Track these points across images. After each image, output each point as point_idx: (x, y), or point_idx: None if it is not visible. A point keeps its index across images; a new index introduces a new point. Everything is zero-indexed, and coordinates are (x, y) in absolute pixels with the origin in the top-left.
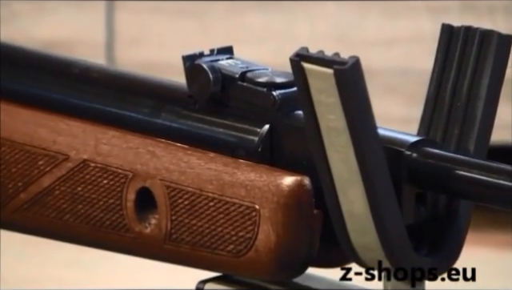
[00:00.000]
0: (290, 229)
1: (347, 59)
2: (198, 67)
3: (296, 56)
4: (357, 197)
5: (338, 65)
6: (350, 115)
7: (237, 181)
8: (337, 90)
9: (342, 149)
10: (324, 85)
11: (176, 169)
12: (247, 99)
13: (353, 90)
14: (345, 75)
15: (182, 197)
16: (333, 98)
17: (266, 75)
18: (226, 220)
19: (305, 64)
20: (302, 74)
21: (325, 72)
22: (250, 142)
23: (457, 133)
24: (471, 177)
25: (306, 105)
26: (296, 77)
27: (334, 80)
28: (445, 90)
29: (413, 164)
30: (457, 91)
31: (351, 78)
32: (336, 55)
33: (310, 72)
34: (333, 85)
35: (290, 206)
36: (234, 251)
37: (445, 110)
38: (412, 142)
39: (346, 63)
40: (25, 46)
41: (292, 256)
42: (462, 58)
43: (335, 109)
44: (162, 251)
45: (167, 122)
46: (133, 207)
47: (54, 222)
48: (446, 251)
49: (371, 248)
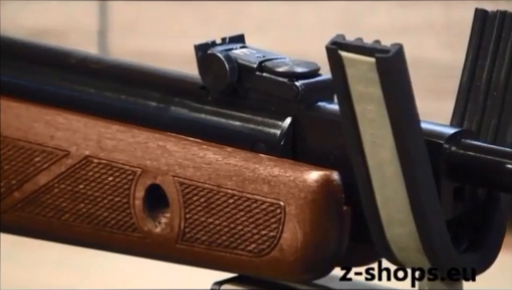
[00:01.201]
0: (318, 227)
1: (390, 47)
2: (213, 57)
3: (333, 44)
4: (395, 192)
5: (381, 53)
6: (392, 106)
7: (259, 177)
8: (378, 80)
9: (380, 141)
10: (363, 74)
11: (191, 165)
12: (267, 90)
13: (396, 79)
14: (388, 63)
15: (198, 194)
16: (373, 87)
17: (285, 65)
18: (246, 218)
19: (342, 52)
20: (339, 63)
21: (366, 60)
22: (272, 136)
23: (494, 123)
24: None
25: (342, 95)
26: (332, 66)
27: (376, 69)
28: (479, 79)
29: (452, 157)
30: (493, 80)
31: (394, 66)
32: (377, 43)
33: (348, 61)
34: (374, 74)
35: (318, 202)
36: (256, 250)
37: (480, 100)
38: (451, 134)
39: (388, 51)
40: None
41: (319, 256)
42: (498, 44)
43: (375, 99)
44: (173, 251)
45: (177, 115)
46: (141, 205)
47: (51, 222)
48: (486, 248)
49: (408, 246)
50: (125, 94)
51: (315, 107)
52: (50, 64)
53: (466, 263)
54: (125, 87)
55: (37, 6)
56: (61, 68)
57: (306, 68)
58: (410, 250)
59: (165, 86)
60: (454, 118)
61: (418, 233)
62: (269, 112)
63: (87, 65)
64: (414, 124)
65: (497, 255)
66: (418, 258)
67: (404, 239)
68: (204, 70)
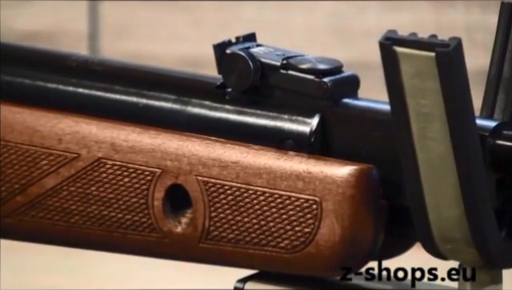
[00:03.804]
0: (356, 222)
1: (449, 41)
2: (236, 56)
3: (386, 39)
4: (447, 185)
5: (441, 47)
6: (450, 100)
7: (292, 174)
8: (437, 74)
9: (434, 136)
10: (420, 69)
11: (216, 164)
12: (293, 88)
13: (455, 74)
14: (448, 58)
15: (225, 193)
16: (429, 82)
17: (308, 62)
18: (279, 215)
19: (397, 48)
20: (394, 59)
21: (424, 55)
22: (301, 133)
23: None
24: None
25: (395, 90)
26: (386, 61)
27: (435, 63)
28: (509, 71)
29: (496, 149)
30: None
31: (454, 60)
32: (434, 37)
33: (403, 56)
34: (432, 68)
35: (357, 197)
36: (289, 246)
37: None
38: (494, 127)
39: (448, 45)
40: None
41: (357, 250)
42: None
43: (431, 94)
44: (196, 250)
45: (195, 115)
46: (161, 205)
47: (57, 225)
48: None
49: (456, 237)
50: (137, 96)
51: (342, 104)
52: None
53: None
54: (136, 89)
55: (27, 10)
56: (62, 72)
57: (330, 65)
58: (457, 241)
59: (179, 86)
60: (483, 109)
61: (469, 224)
62: (296, 109)
63: (89, 67)
64: (471, 118)
65: None
66: (464, 249)
67: (452, 231)
68: (226, 69)
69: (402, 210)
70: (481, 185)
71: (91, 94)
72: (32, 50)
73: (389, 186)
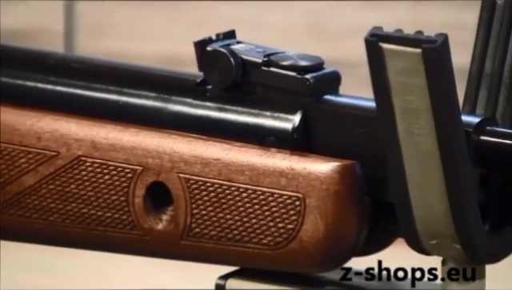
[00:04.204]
0: (340, 218)
1: (435, 37)
2: (218, 53)
3: (372, 36)
4: (432, 181)
5: (427, 43)
6: (436, 96)
7: (275, 170)
8: (423, 70)
9: (420, 132)
10: (407, 65)
11: (197, 161)
12: (275, 85)
13: (442, 70)
14: (435, 54)
15: (207, 190)
16: (416, 78)
17: (289, 58)
18: (261, 212)
19: (384, 44)
20: (379, 55)
21: (410, 52)
22: (284, 130)
23: (510, 109)
24: None
25: (380, 87)
26: (371, 58)
27: (422, 59)
28: (490, 67)
29: (479, 145)
30: (505, 67)
31: (441, 56)
32: (420, 33)
33: (389, 52)
34: (419, 65)
35: (341, 193)
36: (272, 243)
37: (493, 88)
38: (477, 123)
39: (435, 41)
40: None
41: (340, 247)
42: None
43: (417, 90)
44: (177, 247)
45: (176, 113)
46: (142, 202)
47: (35, 223)
48: (509, 233)
49: (440, 233)
50: (117, 94)
51: (324, 100)
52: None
53: (493, 249)
54: (116, 87)
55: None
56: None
57: (311, 61)
58: (441, 237)
59: (159, 84)
60: (464, 107)
61: (454, 220)
62: (278, 106)
63: (68, 65)
64: (457, 114)
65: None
66: (449, 245)
67: (437, 227)
68: (207, 66)
69: (384, 206)
70: (466, 181)
71: (70, 92)
72: (10, 49)
73: (372, 182)
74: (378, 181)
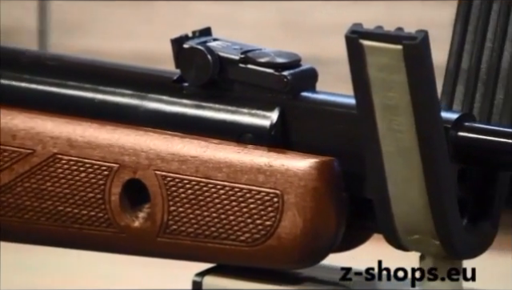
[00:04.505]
0: (319, 214)
1: (416, 34)
2: (194, 50)
3: (353, 33)
4: (412, 179)
5: (408, 40)
6: (416, 92)
7: (253, 167)
8: (404, 67)
9: (400, 128)
10: (387, 62)
11: (175, 158)
12: (252, 82)
13: (422, 66)
14: (415, 50)
15: (184, 187)
16: (396, 75)
17: (266, 55)
18: (239, 209)
19: (364, 41)
20: (360, 52)
21: (391, 48)
22: (262, 127)
23: (487, 106)
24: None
25: (361, 83)
26: (351, 54)
27: (403, 56)
28: (467, 63)
29: (458, 141)
30: (482, 63)
31: (421, 53)
32: (400, 30)
33: (369, 49)
34: (399, 61)
35: (319, 190)
36: (250, 240)
37: (470, 83)
38: (456, 119)
39: (416, 38)
40: None
41: (319, 243)
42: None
43: (397, 86)
44: (154, 244)
45: (153, 110)
46: (118, 200)
47: (11, 221)
48: (485, 230)
49: (419, 229)
50: (93, 92)
51: (302, 97)
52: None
53: (471, 244)
54: (92, 84)
55: None
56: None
57: (288, 58)
58: (420, 233)
59: (136, 81)
60: (441, 102)
61: (433, 215)
62: (255, 103)
63: (42, 62)
64: (436, 110)
65: (494, 238)
66: (428, 241)
67: (416, 223)
68: (184, 63)
69: (362, 202)
70: (445, 177)
71: (46, 90)
72: None
73: (350, 178)
74: (356, 177)
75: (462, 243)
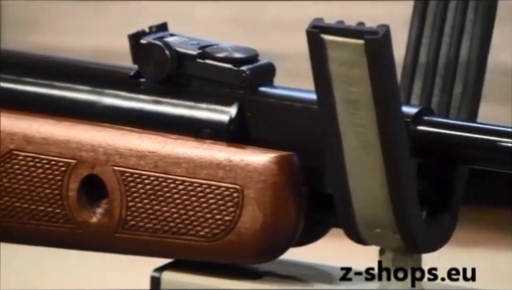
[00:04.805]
0: (279, 209)
1: (377, 28)
2: (152, 45)
3: (314, 28)
4: (372, 173)
5: (370, 35)
6: (378, 87)
7: (212, 162)
8: (365, 61)
9: (361, 122)
10: (348, 56)
11: (133, 154)
12: (211, 77)
13: (384, 61)
14: (377, 45)
15: (143, 182)
16: (358, 69)
17: (224, 50)
18: (198, 204)
19: (325, 36)
20: (321, 46)
21: (352, 43)
22: (220, 122)
23: (445, 100)
24: (481, 142)
25: (322, 78)
26: (313, 49)
27: (364, 51)
28: (425, 58)
29: (417, 135)
30: (440, 58)
31: (383, 47)
32: (361, 25)
33: (331, 44)
34: (361, 56)
35: (279, 185)
36: (209, 235)
37: (428, 78)
38: (415, 113)
39: (377, 33)
40: None
41: (279, 237)
42: (443, 24)
43: (359, 81)
44: (112, 240)
45: (110, 106)
46: (76, 196)
47: None
48: (445, 223)
49: (379, 223)
50: (50, 88)
51: (260, 92)
52: None
53: (431, 238)
54: (49, 80)
55: None
56: None
57: (246, 53)
58: (381, 227)
59: (92, 77)
60: None
61: (394, 209)
62: (214, 98)
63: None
64: (398, 104)
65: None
66: (388, 235)
67: (376, 217)
68: (142, 59)
69: (321, 196)
70: (406, 171)
71: (2, 87)
72: None
73: (310, 173)
74: (315, 172)
75: (423, 237)
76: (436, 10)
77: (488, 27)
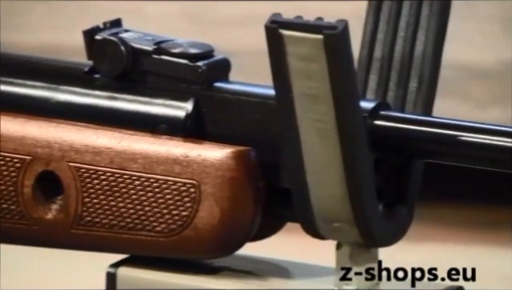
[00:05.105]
0: (236, 204)
1: (336, 23)
2: (107, 41)
3: (272, 23)
4: (330, 167)
5: (329, 29)
6: (337, 82)
7: (169, 158)
8: (324, 56)
9: (319, 117)
10: (307, 51)
11: (88, 150)
12: (166, 73)
13: (343, 55)
14: (336, 40)
15: (99, 178)
16: (316, 64)
17: (179, 46)
18: (155, 199)
19: (284, 31)
20: (280, 42)
21: (311, 38)
22: (176, 118)
23: (400, 94)
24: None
25: (280, 73)
26: (271, 44)
27: (323, 46)
28: (380, 53)
29: (374, 129)
30: (395, 52)
31: (342, 42)
32: (320, 20)
33: (289, 39)
34: (320, 51)
35: (236, 180)
36: (166, 230)
37: (383, 72)
38: (372, 108)
39: (336, 27)
40: None
41: (236, 232)
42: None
43: (317, 76)
44: (68, 236)
45: (65, 102)
46: (31, 192)
47: None
48: (402, 215)
49: (338, 219)
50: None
51: (216, 87)
52: None
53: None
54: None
55: None
56: None
57: (201, 49)
58: (338, 221)
59: (47, 73)
60: None
61: (351, 204)
62: (170, 94)
63: None
64: (356, 99)
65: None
66: (346, 229)
67: (334, 211)
68: (97, 55)
69: (278, 191)
70: (364, 165)
71: None
72: None
73: (266, 167)
74: (272, 167)
75: (380, 231)
76: (391, 5)
77: (442, 22)
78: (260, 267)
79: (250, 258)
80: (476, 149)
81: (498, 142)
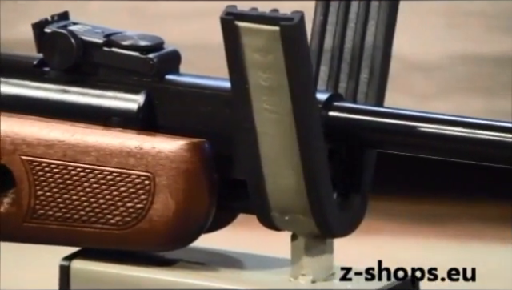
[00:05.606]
0: (191, 196)
1: (292, 15)
2: (57, 34)
3: (228, 15)
4: (286, 158)
5: (285, 21)
6: (293, 73)
7: (123, 150)
8: (280, 48)
9: (275, 108)
10: (263, 43)
11: (41, 143)
12: (118, 65)
13: (299, 47)
14: (292, 31)
15: (51, 171)
16: (272, 55)
17: (129, 38)
18: (109, 192)
19: (239, 23)
20: (235, 33)
21: (267, 29)
22: (129, 110)
23: (352, 85)
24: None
25: (236, 65)
26: (227, 36)
27: (280, 37)
28: (330, 44)
29: (328, 120)
30: (345, 43)
31: (298, 34)
32: (275, 11)
33: (245, 31)
34: (276, 42)
35: (190, 172)
36: (120, 223)
37: (334, 64)
38: (326, 99)
39: (292, 19)
40: None
41: (191, 224)
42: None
43: (274, 67)
44: (20, 230)
45: (16, 96)
46: None
47: None
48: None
49: (294, 210)
50: None
51: (168, 80)
52: None
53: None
54: None
55: None
56: None
57: (152, 41)
58: (294, 212)
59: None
60: None
61: (308, 194)
62: (121, 87)
63: None
64: (312, 90)
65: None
66: (302, 220)
67: (290, 202)
68: (47, 48)
69: (233, 183)
70: (320, 156)
71: None
72: None
73: (220, 159)
74: (226, 159)
75: (336, 221)
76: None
77: (392, 13)
78: (214, 258)
79: (203, 250)
80: (430, 139)
81: (451, 131)
